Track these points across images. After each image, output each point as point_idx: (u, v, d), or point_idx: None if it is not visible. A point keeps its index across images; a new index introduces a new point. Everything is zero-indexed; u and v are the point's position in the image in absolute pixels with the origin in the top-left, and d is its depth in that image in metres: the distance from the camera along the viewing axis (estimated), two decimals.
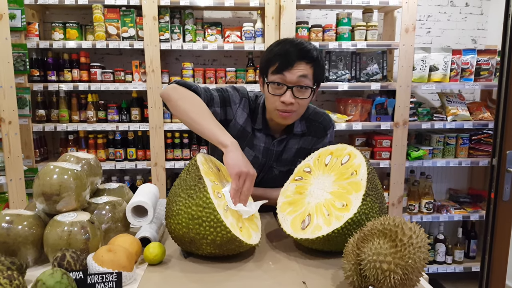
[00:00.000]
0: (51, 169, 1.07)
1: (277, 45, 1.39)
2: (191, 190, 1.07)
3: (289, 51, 1.34)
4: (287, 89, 1.34)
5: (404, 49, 2.77)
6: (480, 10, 3.28)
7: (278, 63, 1.34)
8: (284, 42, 1.39)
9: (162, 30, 2.72)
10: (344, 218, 1.04)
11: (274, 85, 1.36)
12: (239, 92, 1.50)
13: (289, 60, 1.32)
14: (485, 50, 2.94)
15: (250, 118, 1.51)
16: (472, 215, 3.06)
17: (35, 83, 2.72)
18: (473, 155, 3.05)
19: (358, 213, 1.04)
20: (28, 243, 1.02)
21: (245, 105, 1.50)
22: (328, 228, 1.05)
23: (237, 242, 1.05)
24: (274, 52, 1.37)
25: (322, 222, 1.08)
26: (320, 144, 1.53)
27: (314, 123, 1.54)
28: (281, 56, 1.34)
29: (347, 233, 1.05)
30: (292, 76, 1.33)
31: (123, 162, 2.87)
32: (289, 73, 1.33)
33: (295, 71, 1.33)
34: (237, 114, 1.49)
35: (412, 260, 0.83)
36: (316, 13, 3.21)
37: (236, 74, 2.86)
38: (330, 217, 1.08)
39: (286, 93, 1.34)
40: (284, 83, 1.34)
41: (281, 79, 1.34)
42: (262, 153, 1.52)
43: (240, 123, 1.49)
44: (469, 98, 3.36)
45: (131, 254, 1.00)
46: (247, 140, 1.51)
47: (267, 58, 1.39)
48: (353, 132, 3.20)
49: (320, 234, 1.05)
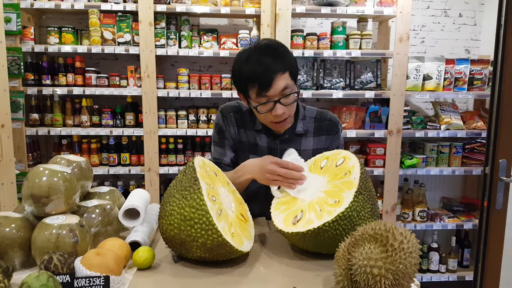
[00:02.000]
0: (40, 171, 1.06)
1: (246, 61, 1.37)
2: (185, 191, 1.06)
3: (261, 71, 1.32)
4: (275, 103, 1.36)
5: (398, 58, 2.79)
6: (474, 20, 3.32)
7: (256, 85, 1.34)
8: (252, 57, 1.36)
9: (158, 36, 2.72)
10: (335, 213, 1.06)
11: (261, 105, 1.38)
12: (222, 114, 1.57)
13: (266, 79, 1.32)
14: (478, 60, 2.97)
15: (242, 128, 1.55)
16: (465, 224, 3.06)
17: (29, 86, 2.71)
18: (466, 164, 3.07)
19: (349, 208, 1.05)
20: (16, 246, 1.00)
21: (231, 120, 1.56)
22: (319, 221, 1.06)
23: (227, 247, 1.04)
24: (247, 73, 1.36)
25: (314, 217, 1.09)
26: (335, 141, 1.55)
27: (323, 121, 1.56)
28: (256, 77, 1.33)
29: (337, 228, 1.05)
30: (275, 92, 1.34)
31: (117, 167, 2.85)
32: (271, 90, 1.34)
33: (276, 87, 1.34)
34: (231, 133, 1.56)
35: (403, 265, 0.82)
36: (311, 21, 3.23)
37: (231, 81, 2.87)
38: (322, 212, 1.09)
39: (275, 107, 1.36)
40: (270, 99, 1.36)
41: (266, 98, 1.36)
42: (267, 154, 1.51)
43: (236, 138, 1.56)
44: (462, 107, 3.39)
45: (119, 258, 0.99)
46: (247, 149, 1.54)
47: (242, 79, 1.39)
48: (347, 140, 3.20)
49: (311, 227, 1.06)
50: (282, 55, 1.36)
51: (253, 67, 1.34)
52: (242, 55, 1.40)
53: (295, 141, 1.53)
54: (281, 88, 1.34)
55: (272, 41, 1.41)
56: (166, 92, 2.77)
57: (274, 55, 1.35)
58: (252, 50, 1.39)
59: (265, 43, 1.39)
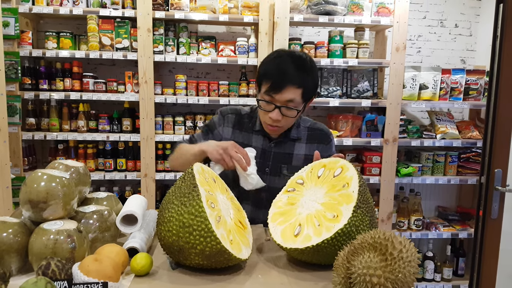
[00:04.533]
0: (38, 176, 1.05)
1: (274, 59, 1.44)
2: (184, 198, 1.06)
3: (280, 74, 1.39)
4: (275, 108, 1.42)
5: (394, 67, 2.82)
6: (469, 31, 3.37)
7: (269, 84, 1.40)
8: (279, 58, 1.43)
9: (156, 42, 2.73)
10: (334, 229, 1.04)
11: (264, 102, 1.43)
12: (221, 114, 1.64)
13: (279, 84, 1.39)
14: (473, 70, 3.00)
15: (238, 129, 1.60)
16: (460, 233, 3.07)
17: (26, 91, 2.69)
18: (462, 173, 3.08)
19: (348, 224, 1.04)
20: (12, 251, 1.00)
21: (229, 120, 1.61)
22: (318, 238, 1.05)
23: (226, 255, 1.03)
24: (269, 68, 1.43)
25: (312, 233, 1.08)
26: (328, 150, 1.59)
27: (316, 131, 1.62)
28: (273, 76, 1.40)
29: (336, 244, 1.05)
30: (280, 99, 1.40)
31: (113, 172, 2.84)
32: (277, 96, 1.40)
33: (283, 95, 1.39)
34: (223, 133, 1.61)
35: (402, 274, 0.83)
36: (308, 30, 3.26)
37: (229, 88, 2.87)
38: (320, 228, 1.08)
39: (274, 110, 1.42)
40: (273, 102, 1.42)
41: (270, 99, 1.42)
42: (260, 155, 1.57)
43: (228, 138, 1.58)
44: (458, 117, 3.42)
45: (117, 264, 0.98)
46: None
47: (261, 72, 1.45)
48: (343, 148, 3.22)
49: (309, 244, 1.05)
50: (305, 72, 1.41)
51: (275, 67, 1.41)
52: (275, 53, 1.47)
53: (289, 145, 1.58)
54: (287, 99, 1.40)
55: (307, 57, 1.45)
56: (163, 98, 2.77)
57: (299, 68, 1.40)
58: (285, 53, 1.45)
59: (299, 54, 1.45)
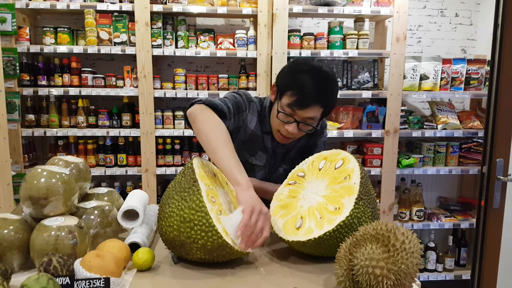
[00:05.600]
0: (38, 172, 1.05)
1: (304, 72, 1.36)
2: (184, 193, 1.05)
3: (308, 92, 1.33)
4: (294, 122, 1.38)
5: (395, 58, 2.80)
6: (470, 20, 3.34)
7: (294, 98, 1.34)
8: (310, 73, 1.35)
9: (154, 36, 2.71)
10: (336, 221, 1.04)
11: (283, 114, 1.39)
12: (246, 97, 1.51)
13: (305, 102, 1.34)
14: (474, 60, 2.98)
15: (259, 122, 1.53)
16: (462, 223, 3.07)
17: (25, 87, 2.68)
18: (463, 163, 3.08)
19: (350, 216, 1.04)
20: (14, 248, 0.99)
21: (254, 109, 1.52)
22: (319, 231, 1.05)
23: (227, 249, 1.03)
24: (298, 82, 1.35)
25: (314, 225, 1.08)
26: (318, 141, 1.59)
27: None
28: (300, 92, 1.33)
29: (338, 237, 1.04)
30: (302, 114, 1.36)
31: (113, 168, 2.83)
32: (301, 112, 1.35)
33: (306, 113, 1.36)
34: (247, 120, 1.50)
35: (405, 265, 0.82)
36: (308, 21, 3.23)
37: (228, 81, 2.86)
38: (322, 220, 1.07)
39: (292, 124, 1.38)
40: (293, 116, 1.37)
41: (291, 113, 1.37)
42: (271, 155, 1.56)
43: (251, 128, 1.51)
44: (459, 107, 3.40)
45: (119, 259, 0.98)
46: (258, 143, 1.54)
47: (288, 82, 1.38)
48: (344, 140, 3.21)
49: (311, 237, 1.05)
50: (331, 92, 1.38)
51: (305, 82, 1.34)
52: (305, 65, 1.39)
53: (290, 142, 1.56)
54: (309, 116, 1.37)
55: (333, 74, 1.40)
56: (162, 93, 2.76)
57: (327, 88, 1.36)
58: (315, 67, 1.38)
59: (329, 72, 1.38)
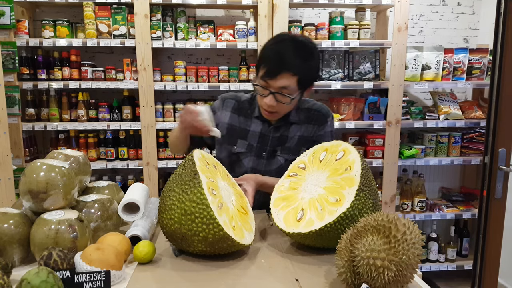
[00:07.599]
0: (37, 166, 1.04)
1: (274, 44, 1.43)
2: (185, 185, 1.05)
3: (276, 60, 1.38)
4: (269, 94, 1.41)
5: (396, 48, 2.77)
6: (472, 9, 3.30)
7: (265, 69, 1.39)
8: (279, 43, 1.42)
9: (154, 28, 2.69)
10: (337, 213, 1.03)
11: (259, 87, 1.44)
12: (221, 99, 1.65)
13: (274, 70, 1.38)
14: (476, 49, 2.95)
15: (236, 114, 1.61)
16: (464, 214, 3.07)
17: (24, 81, 2.67)
18: (465, 154, 3.07)
19: (351, 207, 1.03)
20: (14, 242, 0.99)
21: (227, 105, 1.63)
22: (320, 222, 1.04)
23: (229, 241, 1.03)
24: (267, 53, 1.42)
25: (315, 217, 1.07)
26: (322, 131, 1.59)
27: (313, 111, 1.61)
28: (269, 62, 1.39)
29: (339, 228, 1.04)
30: (274, 85, 1.40)
31: (115, 161, 2.83)
32: (272, 82, 1.39)
33: (277, 82, 1.39)
34: (221, 117, 1.62)
35: (406, 256, 0.82)
36: (309, 11, 3.20)
37: (229, 73, 2.84)
38: (323, 212, 1.07)
39: (268, 96, 1.42)
40: (267, 88, 1.41)
41: (265, 84, 1.41)
42: (258, 139, 1.58)
43: (226, 122, 1.61)
44: (461, 97, 3.38)
45: (120, 252, 0.98)
46: (237, 133, 1.60)
47: (260, 56, 1.46)
48: (346, 131, 3.20)
49: (312, 229, 1.04)
50: (303, 59, 1.39)
51: (273, 52, 1.40)
52: (277, 37, 1.45)
53: (287, 128, 1.59)
54: (281, 86, 1.39)
55: (308, 43, 1.42)
56: (163, 85, 2.74)
57: (297, 54, 1.38)
58: (286, 38, 1.43)
59: (301, 40, 1.42)
